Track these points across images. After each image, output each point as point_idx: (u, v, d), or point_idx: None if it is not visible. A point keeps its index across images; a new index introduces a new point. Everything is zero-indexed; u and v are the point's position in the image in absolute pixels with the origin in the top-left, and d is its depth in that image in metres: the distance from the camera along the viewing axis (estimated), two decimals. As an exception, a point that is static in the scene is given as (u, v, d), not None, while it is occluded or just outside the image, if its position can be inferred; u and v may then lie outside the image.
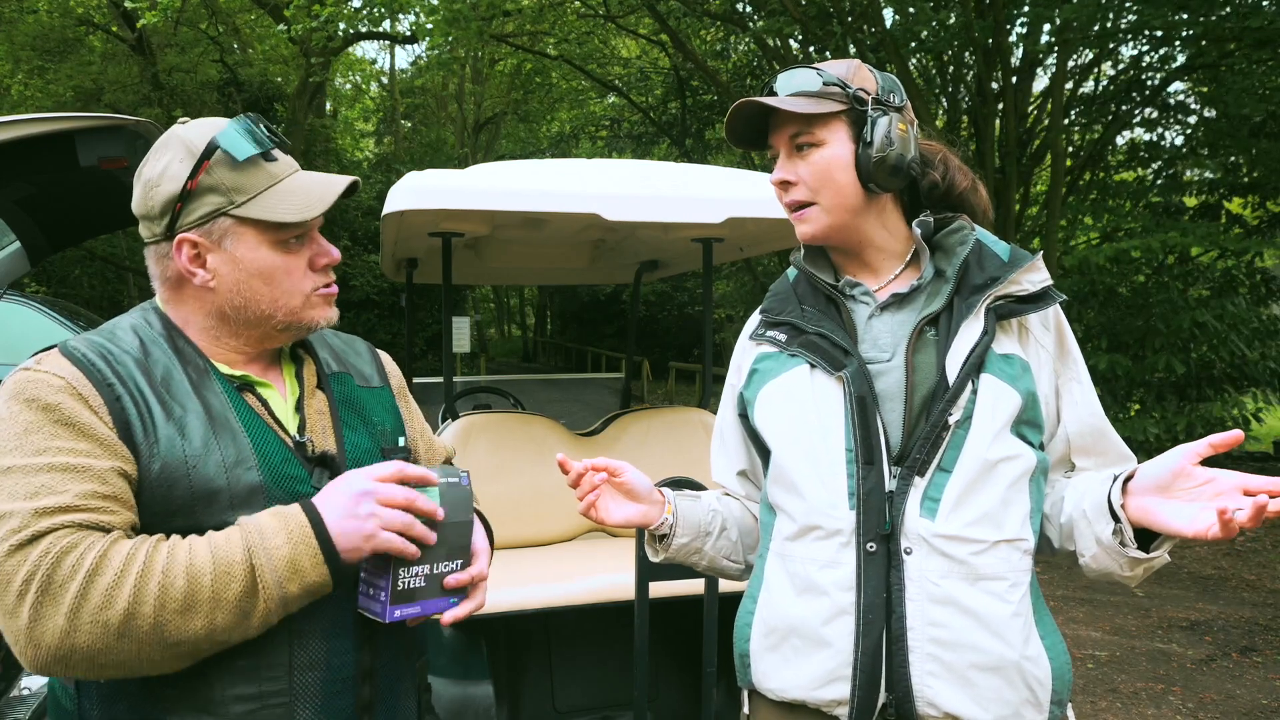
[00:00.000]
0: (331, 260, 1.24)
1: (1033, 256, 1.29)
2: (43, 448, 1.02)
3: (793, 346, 1.33)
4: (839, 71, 1.30)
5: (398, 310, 18.03)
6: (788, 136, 1.32)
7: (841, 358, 1.28)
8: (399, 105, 26.11)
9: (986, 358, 1.23)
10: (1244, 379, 8.62)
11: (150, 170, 1.17)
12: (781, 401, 1.33)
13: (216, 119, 1.19)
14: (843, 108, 1.28)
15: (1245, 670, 4.36)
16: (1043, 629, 1.24)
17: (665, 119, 15.06)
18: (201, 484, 1.07)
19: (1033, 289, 1.27)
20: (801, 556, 1.28)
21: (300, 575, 1.05)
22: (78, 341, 1.13)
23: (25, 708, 2.35)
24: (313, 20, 9.65)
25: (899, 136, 1.26)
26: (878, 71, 1.31)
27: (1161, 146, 9.98)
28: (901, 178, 1.29)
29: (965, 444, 1.21)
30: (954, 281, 1.27)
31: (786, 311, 1.37)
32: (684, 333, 21.65)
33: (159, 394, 1.11)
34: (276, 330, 1.21)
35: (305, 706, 1.11)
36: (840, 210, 1.30)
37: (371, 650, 1.18)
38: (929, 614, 1.19)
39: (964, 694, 1.18)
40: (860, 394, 1.24)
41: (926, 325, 1.27)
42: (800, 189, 1.31)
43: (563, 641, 2.76)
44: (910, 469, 1.22)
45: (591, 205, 2.43)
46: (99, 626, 0.97)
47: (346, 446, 1.23)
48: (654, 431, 3.26)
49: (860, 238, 1.34)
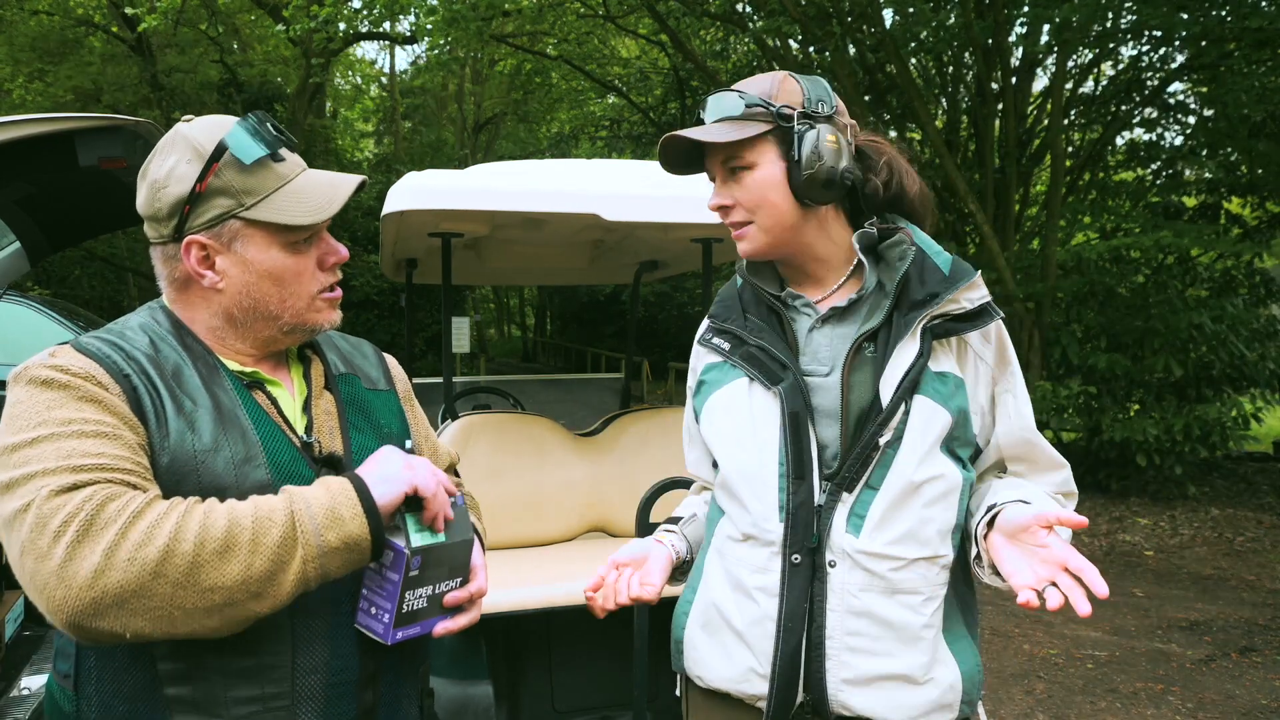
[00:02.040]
0: (340, 259, 1.24)
1: (973, 274, 1.29)
2: (69, 419, 1.01)
3: (734, 357, 1.36)
4: (761, 90, 1.29)
5: (398, 310, 18.02)
6: (719, 162, 1.32)
7: (779, 371, 1.30)
8: (399, 106, 26.10)
9: (922, 377, 1.25)
10: (1243, 380, 8.62)
11: (156, 171, 1.16)
12: (723, 414, 1.36)
13: (222, 117, 1.18)
14: (768, 127, 1.27)
15: (1245, 670, 4.36)
16: (951, 636, 1.28)
17: (665, 119, 15.06)
18: (210, 480, 1.07)
19: (971, 306, 1.27)
20: (737, 558, 1.33)
21: (339, 525, 1.03)
22: (89, 338, 1.12)
23: (24, 708, 2.35)
24: (312, 20, 9.65)
25: (828, 149, 1.25)
26: (805, 79, 1.31)
27: (1161, 146, 9.99)
28: (836, 189, 1.27)
29: (894, 463, 1.24)
30: (893, 297, 1.28)
31: (731, 320, 1.40)
32: (684, 333, 21.64)
33: (170, 388, 1.10)
34: (282, 332, 1.21)
35: (307, 710, 1.10)
36: (778, 229, 1.30)
37: (374, 655, 1.17)
38: (847, 624, 1.25)
39: (875, 697, 1.24)
40: (794, 410, 1.27)
41: (865, 341, 1.28)
42: (738, 211, 1.32)
43: (562, 642, 2.76)
44: (839, 486, 1.25)
45: (591, 205, 2.43)
46: (135, 564, 0.93)
47: (353, 448, 1.23)
48: (653, 432, 3.26)
49: (801, 250, 1.34)
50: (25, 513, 0.95)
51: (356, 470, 1.11)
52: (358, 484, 1.07)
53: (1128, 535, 7.11)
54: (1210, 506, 7.78)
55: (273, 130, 1.17)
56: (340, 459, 1.20)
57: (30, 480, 0.96)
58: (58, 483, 0.95)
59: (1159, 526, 7.31)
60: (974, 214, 8.54)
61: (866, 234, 1.31)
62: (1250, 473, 9.02)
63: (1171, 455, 7.85)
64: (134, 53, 15.67)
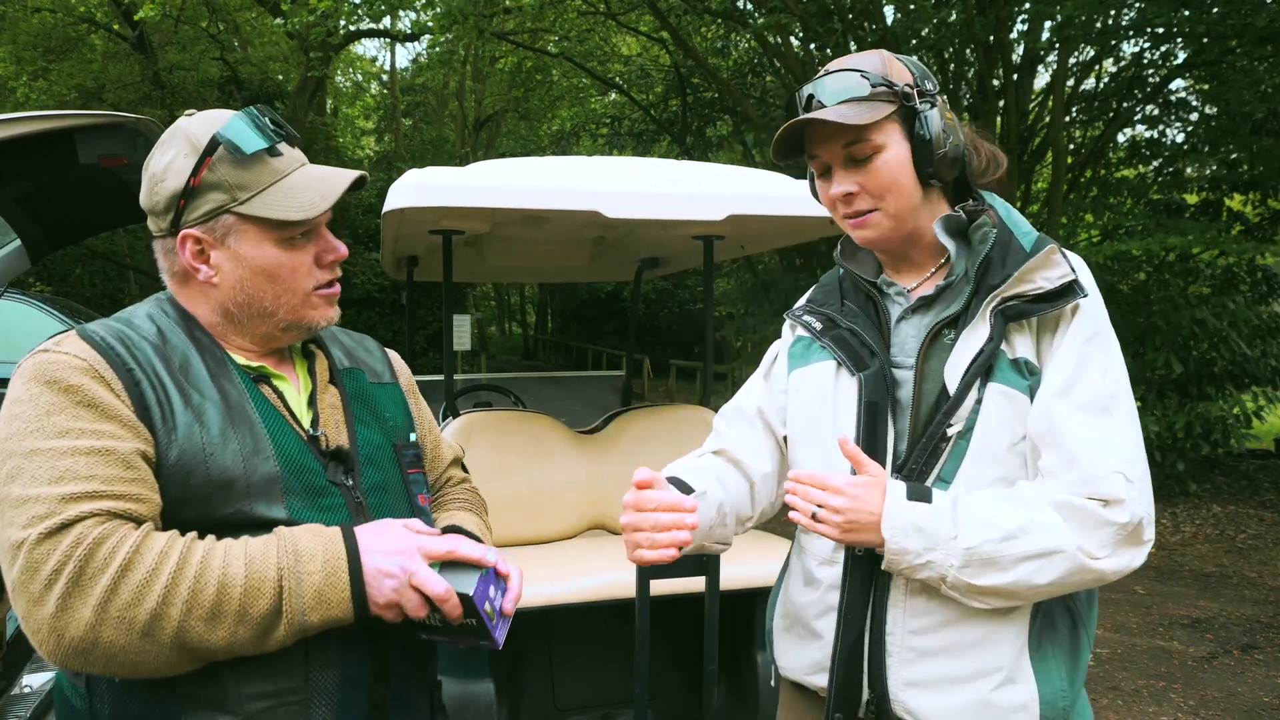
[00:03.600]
0: (338, 256, 1.23)
1: (1047, 249, 1.19)
2: (65, 429, 1.01)
3: (824, 338, 1.32)
4: (871, 66, 1.23)
5: (399, 308, 18.02)
6: (839, 147, 1.23)
7: (866, 358, 1.26)
8: (399, 103, 26.08)
9: (996, 364, 1.17)
10: (1244, 377, 8.61)
11: (155, 164, 1.16)
12: (804, 392, 1.33)
13: (222, 111, 1.18)
14: (894, 107, 1.21)
15: (1246, 668, 4.36)
16: (1039, 654, 1.19)
17: (666, 116, 15.04)
18: (218, 472, 1.07)
19: (1049, 286, 1.17)
20: (809, 549, 1.33)
21: (325, 607, 1.05)
22: (96, 326, 1.12)
23: (25, 706, 2.34)
24: (310, 14, 9.63)
25: (949, 125, 1.22)
26: (906, 59, 1.26)
27: (1162, 144, 9.97)
28: (959, 167, 1.24)
29: (966, 456, 1.18)
30: (974, 281, 1.22)
31: (828, 304, 1.36)
32: (685, 330, 21.63)
33: (177, 381, 1.10)
34: (279, 329, 1.20)
35: (320, 704, 1.10)
36: (903, 213, 1.24)
37: (385, 650, 1.17)
38: (909, 622, 1.20)
39: (938, 704, 1.19)
40: (871, 399, 1.23)
41: (945, 328, 1.22)
42: (863, 198, 1.24)
43: (564, 639, 2.76)
44: (908, 478, 1.20)
45: (592, 203, 2.43)
46: (124, 624, 0.96)
47: (359, 441, 1.23)
48: (655, 429, 3.25)
49: (914, 234, 1.28)
50: (18, 551, 0.97)
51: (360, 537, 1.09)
52: (353, 565, 1.06)
53: (1129, 533, 7.11)
54: (1212, 504, 7.77)
55: (271, 124, 1.16)
56: (348, 452, 1.20)
57: (22, 507, 0.98)
58: (46, 525, 0.96)
59: (1160, 524, 7.30)
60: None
61: (953, 218, 1.25)
62: (1252, 470, 9.01)
63: (1173, 452, 7.84)
64: (135, 50, 15.64)
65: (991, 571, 1.12)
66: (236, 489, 1.08)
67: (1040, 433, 1.16)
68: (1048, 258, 1.18)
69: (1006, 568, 1.11)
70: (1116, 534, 1.11)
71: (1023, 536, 1.11)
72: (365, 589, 1.06)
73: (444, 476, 1.49)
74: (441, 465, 1.49)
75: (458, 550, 1.10)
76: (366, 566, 1.06)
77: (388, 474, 1.26)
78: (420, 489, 1.31)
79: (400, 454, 1.30)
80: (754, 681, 2.64)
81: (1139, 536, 1.12)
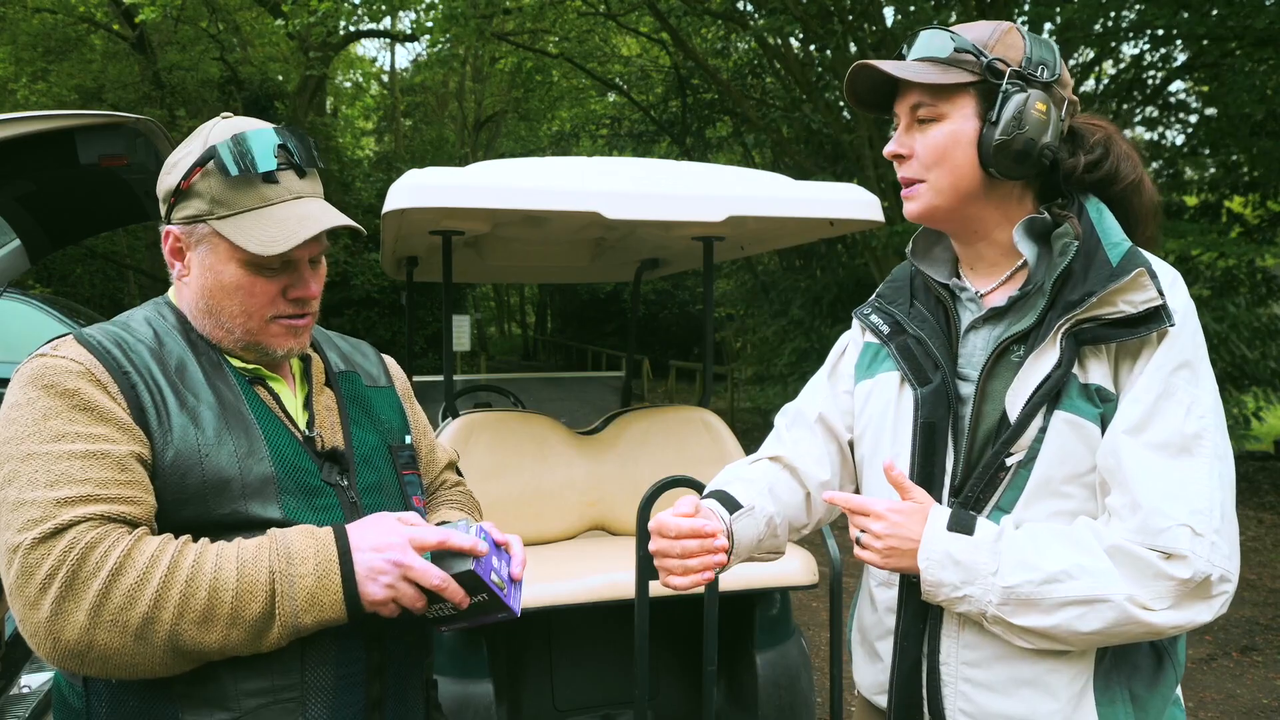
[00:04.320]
0: (305, 295, 1.20)
1: (1133, 270, 1.06)
2: (61, 433, 1.03)
3: (891, 344, 1.25)
4: (977, 36, 1.14)
5: (398, 308, 18.02)
6: (909, 106, 1.17)
7: (930, 372, 1.18)
8: (399, 103, 26.07)
9: (1065, 390, 1.08)
10: (1244, 378, 8.61)
11: (174, 155, 1.20)
12: (871, 408, 1.28)
13: (252, 122, 1.18)
14: (973, 79, 1.12)
15: (1246, 669, 4.36)
16: (1105, 696, 1.11)
17: (666, 117, 15.04)
18: (214, 473, 1.08)
19: (1132, 311, 1.05)
20: (871, 570, 1.30)
21: (317, 610, 1.05)
22: (93, 330, 1.14)
23: (25, 706, 2.34)
24: (311, 15, 9.64)
25: (1034, 117, 1.10)
26: (1034, 37, 1.15)
27: (1162, 145, 9.97)
28: (1030, 165, 1.12)
29: (1027, 487, 1.10)
30: (1049, 295, 1.11)
31: (898, 302, 1.28)
32: (685, 331, 21.63)
33: (173, 383, 1.12)
34: (238, 346, 1.20)
35: (316, 701, 1.11)
36: (950, 193, 1.16)
37: (381, 647, 1.18)
38: (962, 653, 1.16)
39: None
40: (929, 419, 1.16)
41: (1013, 344, 1.13)
42: (913, 164, 1.18)
43: (563, 640, 2.76)
44: (965, 505, 1.13)
45: (592, 203, 2.43)
46: (118, 627, 0.98)
47: (354, 442, 1.25)
48: (654, 430, 3.25)
49: (973, 226, 1.20)
50: (14, 555, 0.99)
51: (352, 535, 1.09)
52: (345, 565, 1.06)
53: (1128, 534, 7.11)
54: (1211, 505, 7.77)
55: (286, 151, 1.15)
56: (343, 453, 1.22)
57: (18, 511, 1.00)
58: (40, 530, 0.98)
59: (1160, 525, 7.30)
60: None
61: (1036, 220, 1.16)
62: (1251, 471, 9.01)
63: (1173, 454, 7.83)
64: (135, 51, 15.64)
65: (1031, 612, 1.06)
66: (232, 489, 1.09)
67: (1109, 470, 1.07)
68: (1136, 280, 1.06)
69: (1048, 611, 1.05)
70: (1176, 589, 1.02)
71: (1067, 580, 1.04)
72: (358, 589, 1.06)
73: (439, 479, 1.51)
74: (436, 468, 1.50)
75: (449, 541, 1.10)
76: (358, 565, 1.07)
77: (383, 475, 1.27)
78: (415, 490, 1.33)
79: (395, 455, 1.32)
80: (753, 682, 2.64)
81: (1206, 592, 1.03)
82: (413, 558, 1.08)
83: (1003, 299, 1.18)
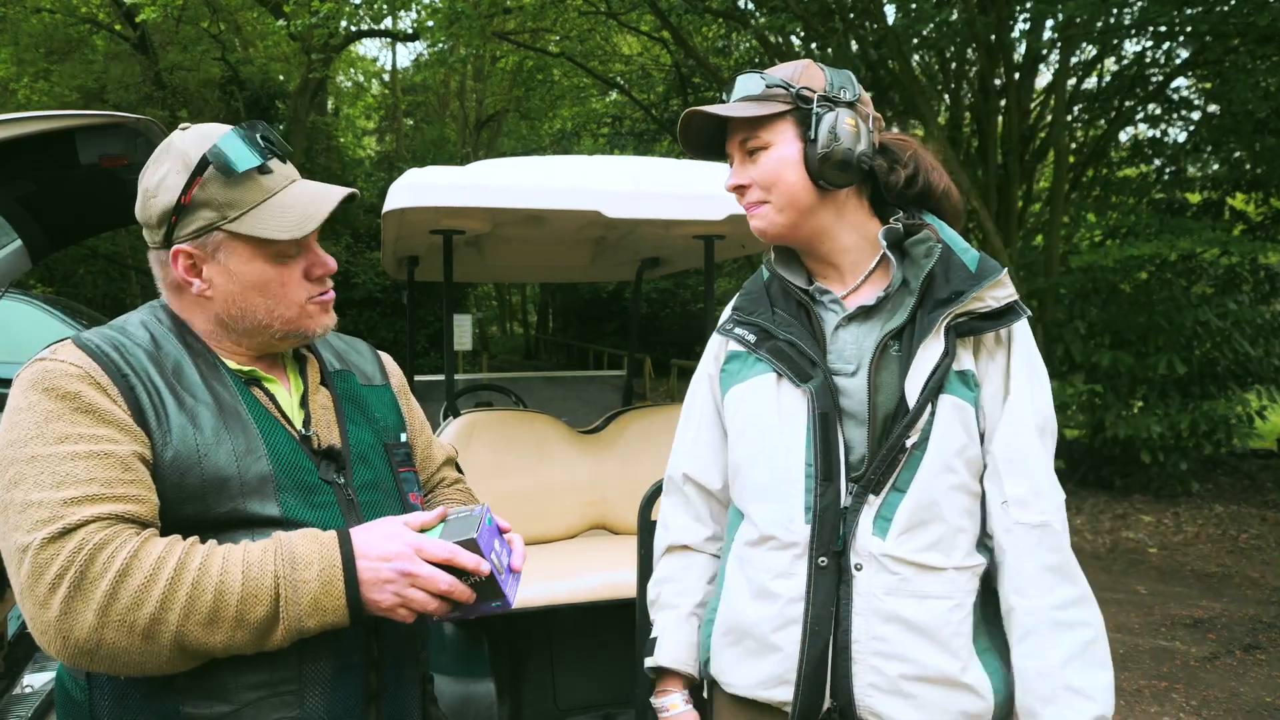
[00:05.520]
0: (326, 270, 1.25)
1: (999, 271, 1.26)
2: (64, 434, 1.04)
3: (761, 350, 1.34)
4: (783, 73, 1.31)
5: (399, 308, 18.02)
6: (738, 142, 1.33)
7: (808, 369, 1.28)
8: (400, 103, 26.07)
9: (947, 377, 1.23)
10: (1247, 376, 8.60)
11: (149, 179, 1.19)
12: (746, 407, 1.34)
13: (215, 126, 1.20)
14: (787, 108, 1.28)
15: (1249, 668, 4.35)
16: (979, 647, 1.25)
17: (667, 116, 15.02)
18: (213, 472, 1.09)
19: (996, 305, 1.24)
20: (758, 564, 1.31)
21: (321, 614, 1.07)
22: (90, 334, 1.15)
23: (27, 706, 2.35)
24: (312, 16, 9.64)
25: (846, 130, 1.25)
26: (830, 69, 1.32)
27: (1165, 143, 9.96)
28: (853, 172, 1.27)
29: (921, 465, 1.22)
30: (918, 294, 1.26)
31: (758, 312, 1.38)
32: (686, 330, 21.62)
33: (170, 385, 1.13)
34: (276, 339, 1.23)
35: (314, 694, 1.13)
36: (792, 209, 1.30)
37: (378, 639, 1.20)
38: (874, 629, 1.23)
39: (903, 704, 1.23)
40: (824, 410, 1.25)
41: (890, 340, 1.26)
42: (754, 191, 1.32)
43: (564, 639, 2.75)
44: (865, 488, 1.24)
45: (593, 202, 2.43)
46: (125, 626, 0.99)
47: (350, 440, 1.26)
48: (656, 429, 3.25)
49: (818, 237, 1.33)
50: (24, 555, 1.00)
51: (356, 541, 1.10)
52: (348, 572, 1.07)
53: (1131, 532, 7.10)
54: (1214, 503, 7.76)
55: (262, 140, 1.17)
56: (339, 451, 1.23)
57: (26, 512, 1.01)
58: (48, 530, 0.99)
59: (1163, 524, 7.29)
60: (977, 210, 8.52)
61: (893, 229, 1.30)
62: (1254, 469, 9.00)
63: (1175, 452, 7.83)
64: (137, 51, 15.64)
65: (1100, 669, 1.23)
66: (231, 488, 1.10)
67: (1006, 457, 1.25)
68: (1001, 280, 1.25)
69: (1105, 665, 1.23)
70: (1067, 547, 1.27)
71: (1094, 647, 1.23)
72: (360, 594, 1.08)
73: (437, 477, 1.52)
74: (433, 465, 1.51)
75: (456, 559, 1.11)
76: (363, 572, 1.08)
77: (379, 472, 1.29)
78: (411, 487, 1.34)
79: (391, 453, 1.33)
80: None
81: None
82: (420, 566, 1.09)
83: (871, 298, 1.30)
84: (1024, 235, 9.80)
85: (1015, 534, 1.23)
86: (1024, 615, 1.23)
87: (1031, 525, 1.23)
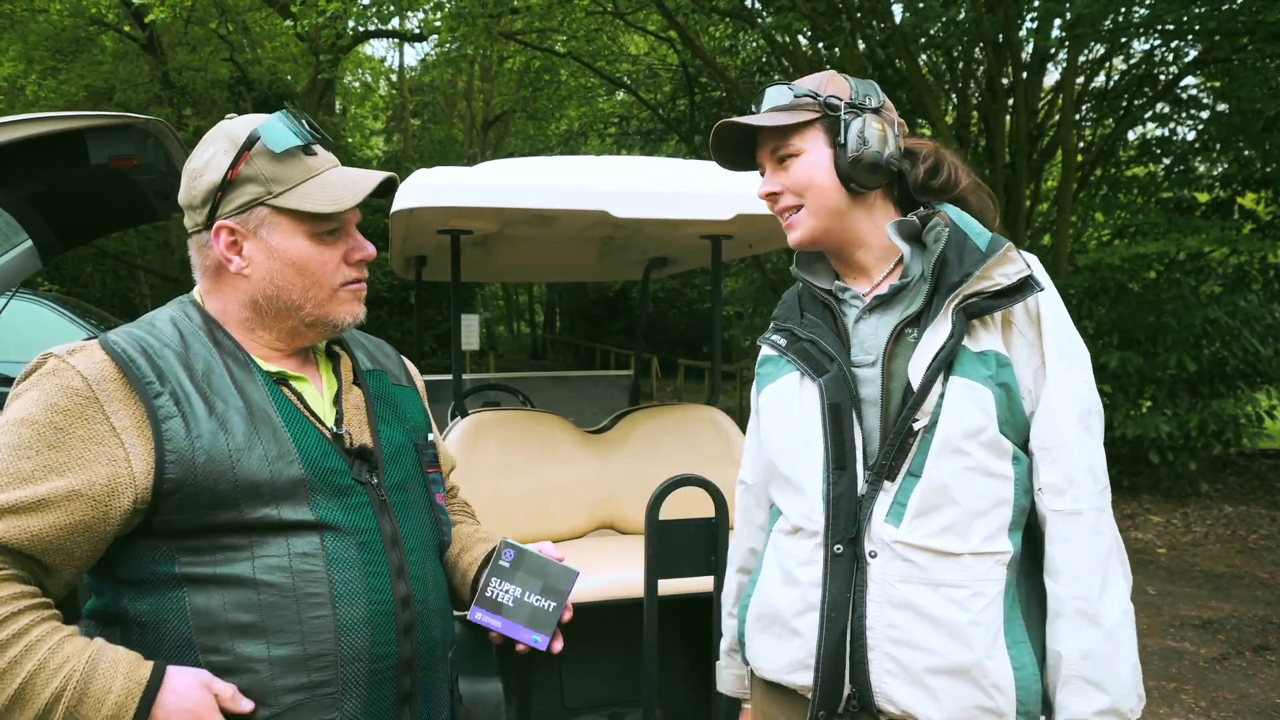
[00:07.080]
0: (366, 256, 1.27)
1: (1002, 247, 1.26)
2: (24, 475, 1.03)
3: (789, 353, 1.39)
4: (810, 84, 1.36)
5: (407, 308, 18.05)
6: (769, 151, 1.37)
7: (825, 364, 1.33)
8: (408, 103, 26.12)
9: (958, 358, 1.23)
10: (1257, 376, 8.56)
11: (195, 162, 1.21)
12: (775, 409, 1.41)
13: (263, 115, 1.23)
14: (816, 116, 1.33)
15: (1259, 669, 4.33)
16: (1011, 638, 1.24)
17: (674, 116, 15.03)
18: (245, 477, 1.10)
19: (1007, 282, 1.24)
20: (788, 551, 1.36)
21: None
22: (118, 335, 1.15)
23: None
24: (320, 16, 9.66)
25: (874, 134, 1.29)
26: (854, 79, 1.36)
27: (1173, 142, 9.92)
28: (882, 174, 1.32)
29: (931, 448, 1.23)
30: (931, 280, 1.28)
31: (790, 318, 1.44)
32: (693, 330, 21.61)
33: (200, 389, 1.13)
34: (305, 324, 1.24)
35: (352, 697, 1.14)
36: (825, 213, 1.34)
37: (411, 642, 1.21)
38: (888, 616, 1.25)
39: (919, 694, 1.24)
40: (834, 400, 1.29)
41: (907, 327, 1.29)
42: (786, 197, 1.36)
43: (571, 638, 2.75)
44: (880, 474, 1.26)
45: (600, 202, 2.43)
46: None
47: (381, 440, 1.27)
48: (663, 429, 3.25)
49: (850, 238, 1.37)
50: None
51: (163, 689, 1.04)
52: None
53: (1140, 533, 7.08)
54: (1224, 504, 7.73)
55: (306, 125, 1.21)
56: (371, 451, 1.24)
57: None
58: None
59: (1171, 524, 7.26)
60: (984, 210, 8.50)
61: (906, 223, 1.33)
62: (1264, 469, 8.96)
63: (1185, 452, 7.80)
64: (145, 51, 15.70)
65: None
66: (263, 493, 1.11)
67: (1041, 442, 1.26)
68: (1005, 255, 1.25)
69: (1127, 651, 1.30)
70: None
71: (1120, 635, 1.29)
72: None
73: (448, 484, 1.55)
74: (448, 468, 1.53)
75: None
76: None
77: (409, 472, 1.30)
78: (438, 488, 1.36)
79: (420, 453, 1.35)
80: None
81: None
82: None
83: (886, 289, 1.34)
84: (1032, 234, 9.77)
85: (1051, 521, 1.25)
86: (1053, 600, 1.26)
87: (1065, 513, 1.24)
